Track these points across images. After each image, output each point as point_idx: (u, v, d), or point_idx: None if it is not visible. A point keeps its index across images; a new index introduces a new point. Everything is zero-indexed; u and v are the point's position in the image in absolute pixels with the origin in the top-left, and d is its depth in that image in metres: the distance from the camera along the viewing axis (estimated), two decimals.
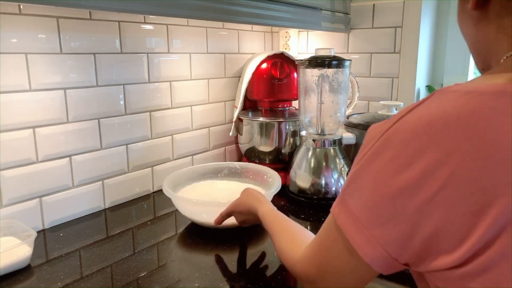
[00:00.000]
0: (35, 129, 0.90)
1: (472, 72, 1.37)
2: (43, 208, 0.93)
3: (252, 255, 0.83)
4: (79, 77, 0.96)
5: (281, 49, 1.45)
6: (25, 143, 0.88)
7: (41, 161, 0.91)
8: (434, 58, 1.40)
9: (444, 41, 1.37)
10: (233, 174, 1.13)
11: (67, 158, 0.96)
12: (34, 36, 0.87)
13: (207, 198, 0.99)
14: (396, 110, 1.15)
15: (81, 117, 0.98)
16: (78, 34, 0.94)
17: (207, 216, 0.89)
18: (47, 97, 0.90)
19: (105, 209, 1.05)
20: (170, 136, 1.20)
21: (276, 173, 1.04)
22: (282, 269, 0.76)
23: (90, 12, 0.96)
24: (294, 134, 1.26)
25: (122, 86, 1.05)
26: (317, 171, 1.06)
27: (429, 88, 1.36)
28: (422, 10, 1.25)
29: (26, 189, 0.89)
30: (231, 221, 0.86)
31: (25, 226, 0.82)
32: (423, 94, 1.36)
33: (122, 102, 1.06)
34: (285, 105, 1.33)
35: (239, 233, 0.90)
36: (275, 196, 0.97)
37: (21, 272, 0.75)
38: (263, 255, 0.82)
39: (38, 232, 0.90)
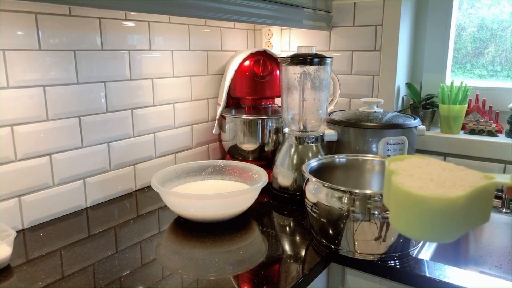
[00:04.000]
0: (14, 127, 0.88)
1: (450, 70, 1.40)
2: (22, 208, 0.91)
3: (241, 247, 0.83)
4: (59, 74, 0.94)
5: (264, 47, 1.45)
6: (3, 141, 0.86)
7: (20, 160, 0.90)
8: (413, 56, 1.42)
9: (423, 40, 1.40)
10: (218, 172, 1.13)
11: (47, 157, 0.94)
12: (12, 33, 0.85)
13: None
14: (376, 107, 1.17)
15: (61, 115, 0.96)
16: (57, 30, 0.93)
17: (195, 210, 0.91)
18: (25, 95, 0.89)
19: (86, 208, 1.04)
20: (153, 134, 1.19)
21: (261, 169, 1.05)
22: (271, 260, 0.77)
23: (69, 8, 0.94)
24: (277, 131, 1.27)
25: (103, 83, 1.04)
26: (299, 168, 1.07)
27: (409, 85, 1.39)
28: (402, 9, 1.27)
29: (4, 188, 0.88)
30: (218, 214, 0.87)
31: (4, 226, 0.81)
32: (403, 91, 1.39)
33: (103, 100, 1.05)
34: (268, 103, 1.34)
35: (227, 226, 0.91)
36: (259, 193, 0.98)
37: (0, 273, 0.74)
38: (252, 246, 0.83)
39: (17, 231, 0.89)
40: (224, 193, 0.94)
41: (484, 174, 0.44)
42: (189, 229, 0.92)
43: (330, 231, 0.82)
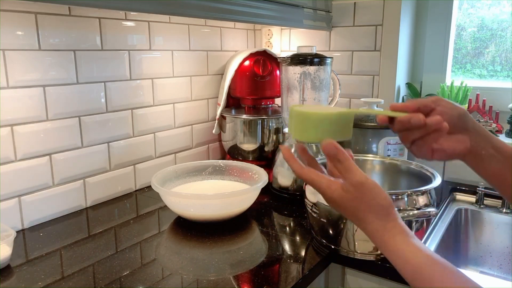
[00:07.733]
0: (13, 127, 0.88)
1: (450, 70, 1.40)
2: (22, 208, 0.91)
3: (241, 247, 0.83)
4: (58, 74, 0.94)
5: (264, 47, 1.45)
6: (3, 141, 0.86)
7: (20, 160, 0.90)
8: (413, 56, 1.42)
9: (423, 40, 1.40)
10: (218, 172, 1.13)
11: (47, 157, 0.94)
12: (12, 33, 0.85)
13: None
14: (376, 107, 1.17)
15: (61, 115, 0.96)
16: (57, 30, 0.93)
17: (195, 210, 0.91)
18: (25, 95, 0.89)
19: (86, 208, 1.04)
20: (153, 134, 1.19)
21: (261, 169, 1.05)
22: (271, 260, 0.77)
23: (69, 8, 0.94)
24: (277, 131, 1.27)
25: (103, 83, 1.04)
26: None
27: (409, 85, 1.39)
28: (402, 9, 1.27)
29: (4, 188, 0.88)
30: (218, 214, 0.87)
31: (4, 226, 0.81)
32: (403, 91, 1.39)
33: (103, 100, 1.05)
34: (268, 103, 1.33)
35: (227, 226, 0.91)
36: (259, 193, 0.98)
37: (0, 273, 0.74)
38: (252, 246, 0.83)
39: (17, 232, 0.89)
40: (224, 193, 0.94)
41: (352, 109, 0.65)
42: (189, 229, 0.92)
43: (330, 231, 0.82)
